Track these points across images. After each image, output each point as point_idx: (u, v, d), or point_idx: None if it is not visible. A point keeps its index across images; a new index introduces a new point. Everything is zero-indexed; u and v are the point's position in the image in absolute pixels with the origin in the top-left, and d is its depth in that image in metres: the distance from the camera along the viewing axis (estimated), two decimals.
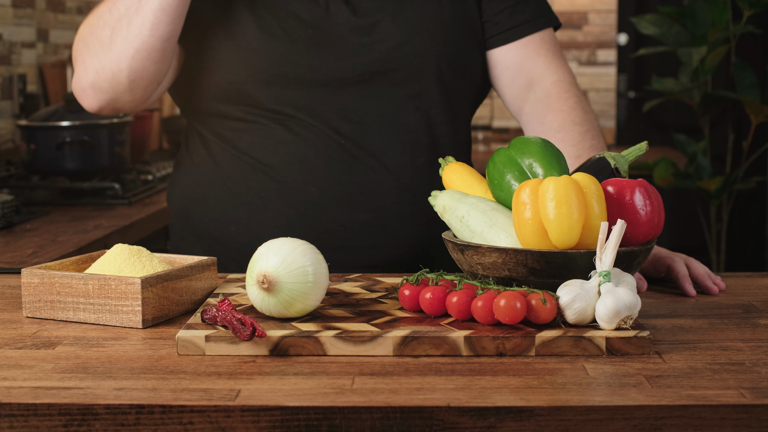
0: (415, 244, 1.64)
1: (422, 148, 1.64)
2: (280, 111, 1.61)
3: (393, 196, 1.62)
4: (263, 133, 1.62)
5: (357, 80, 1.61)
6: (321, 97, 1.61)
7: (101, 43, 1.56)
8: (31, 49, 3.40)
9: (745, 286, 1.47)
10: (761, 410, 0.96)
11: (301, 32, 1.60)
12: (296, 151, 1.61)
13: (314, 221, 1.60)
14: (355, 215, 1.61)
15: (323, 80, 1.60)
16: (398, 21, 1.63)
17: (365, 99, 1.61)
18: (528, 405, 0.96)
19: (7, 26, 3.21)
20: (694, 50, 3.91)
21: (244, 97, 1.61)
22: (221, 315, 1.14)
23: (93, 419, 0.96)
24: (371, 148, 1.61)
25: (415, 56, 1.63)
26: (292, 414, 0.96)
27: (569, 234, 1.17)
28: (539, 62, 1.71)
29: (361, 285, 1.39)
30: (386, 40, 1.62)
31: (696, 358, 1.11)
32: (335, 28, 1.61)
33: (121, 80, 1.57)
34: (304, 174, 1.61)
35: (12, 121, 3.23)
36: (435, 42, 1.64)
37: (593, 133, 1.65)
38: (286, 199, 1.61)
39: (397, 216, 1.63)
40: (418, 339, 1.12)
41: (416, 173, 1.63)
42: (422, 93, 1.64)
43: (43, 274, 1.26)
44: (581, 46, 5.09)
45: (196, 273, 1.32)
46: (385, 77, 1.62)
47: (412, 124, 1.64)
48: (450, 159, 1.44)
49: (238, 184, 1.64)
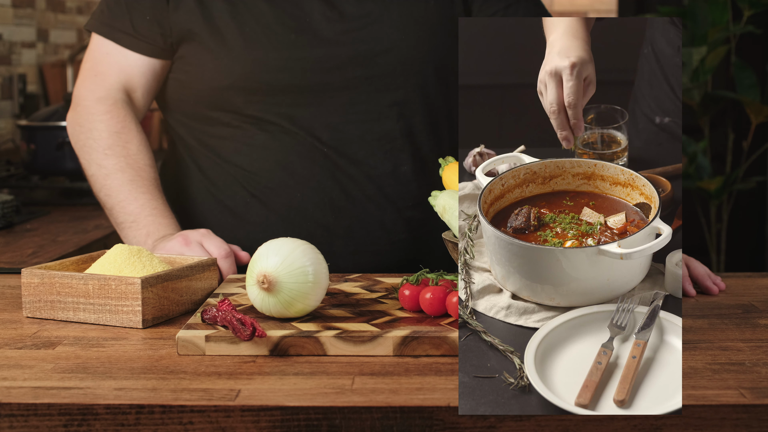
0: (397, 251, 1.64)
1: (405, 155, 1.64)
2: (262, 118, 1.61)
3: (375, 203, 1.63)
4: (246, 141, 1.63)
5: (340, 87, 1.60)
6: (304, 104, 1.61)
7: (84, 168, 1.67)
8: (31, 49, 3.40)
9: (745, 286, 1.47)
10: (761, 410, 0.96)
11: (284, 39, 1.60)
12: (279, 157, 1.62)
13: (297, 227, 1.61)
14: (337, 221, 1.62)
15: (306, 87, 1.60)
16: (383, 28, 1.62)
17: (348, 106, 1.61)
18: None
19: (7, 26, 3.20)
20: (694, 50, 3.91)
21: (226, 103, 1.61)
22: (221, 315, 1.14)
23: (93, 419, 0.96)
24: (353, 155, 1.62)
25: (400, 63, 1.62)
26: (292, 414, 0.96)
27: None
28: None
29: (361, 285, 1.39)
30: (371, 47, 1.61)
31: (696, 358, 1.10)
32: (319, 35, 1.60)
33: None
34: (287, 180, 1.62)
35: (12, 121, 3.23)
36: (420, 49, 1.63)
37: None
38: (269, 206, 1.63)
39: (379, 223, 1.63)
40: (418, 339, 1.11)
41: (398, 181, 1.64)
42: (406, 100, 1.64)
43: (43, 274, 1.26)
44: None
45: (196, 273, 1.32)
46: (369, 84, 1.61)
47: (395, 131, 1.63)
48: (450, 159, 1.44)
49: (222, 191, 1.66)
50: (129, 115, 1.64)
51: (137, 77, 1.66)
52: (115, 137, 1.62)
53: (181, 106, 1.68)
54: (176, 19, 1.61)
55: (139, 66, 1.66)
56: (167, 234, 1.52)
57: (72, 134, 1.67)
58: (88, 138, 1.63)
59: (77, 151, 1.66)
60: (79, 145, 1.65)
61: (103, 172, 1.60)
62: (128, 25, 1.64)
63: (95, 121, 1.63)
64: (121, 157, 1.60)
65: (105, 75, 1.66)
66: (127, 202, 1.57)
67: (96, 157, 1.61)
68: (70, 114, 1.69)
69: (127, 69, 1.66)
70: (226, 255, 1.45)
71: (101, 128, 1.62)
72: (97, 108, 1.64)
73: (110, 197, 1.59)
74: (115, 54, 1.66)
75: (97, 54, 1.68)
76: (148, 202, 1.57)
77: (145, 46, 1.64)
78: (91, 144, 1.63)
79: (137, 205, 1.56)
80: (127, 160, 1.60)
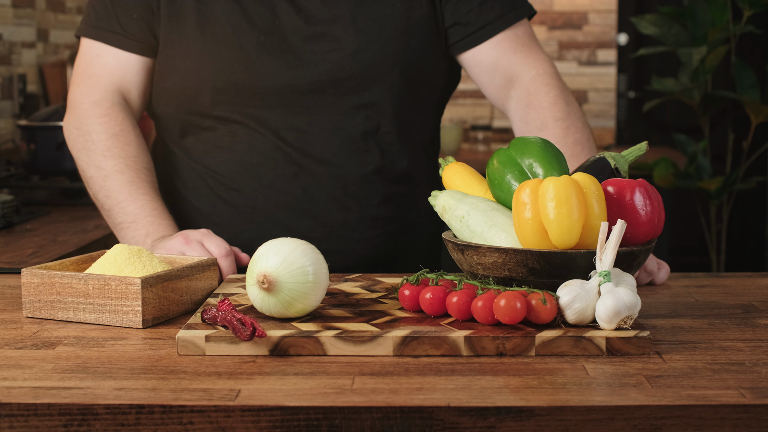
0: (362, 250, 1.65)
1: (371, 156, 1.64)
2: (228, 118, 1.62)
3: (338, 203, 1.63)
4: (214, 142, 1.64)
5: (307, 89, 1.61)
6: (270, 105, 1.61)
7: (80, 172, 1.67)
8: (31, 49, 3.41)
9: (745, 286, 1.47)
10: (761, 410, 0.96)
11: (252, 39, 1.60)
12: (243, 158, 1.63)
13: (261, 227, 1.62)
14: (300, 222, 1.63)
15: (273, 88, 1.60)
16: (350, 30, 1.61)
17: (314, 108, 1.61)
18: (528, 405, 0.96)
19: (7, 26, 3.21)
20: (694, 50, 3.91)
21: (194, 103, 1.62)
22: (221, 315, 1.14)
23: (93, 419, 0.96)
24: (318, 156, 1.62)
25: (367, 66, 1.62)
26: (292, 414, 0.96)
27: (569, 234, 1.17)
28: (515, 59, 1.68)
29: (361, 285, 1.39)
30: (338, 49, 1.61)
31: (696, 358, 1.11)
32: (287, 36, 1.60)
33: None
34: (251, 181, 1.63)
35: (12, 121, 3.23)
36: (387, 52, 1.62)
37: (576, 126, 1.63)
38: (233, 206, 1.65)
39: (342, 222, 1.63)
40: (418, 339, 1.11)
41: (364, 180, 1.64)
42: (373, 103, 1.63)
43: (43, 274, 1.26)
44: (581, 46, 5.09)
45: (196, 273, 1.32)
46: (336, 87, 1.61)
47: (361, 133, 1.63)
48: (450, 159, 1.44)
49: (192, 191, 1.68)
50: (127, 118, 1.64)
51: (130, 76, 1.66)
52: (114, 139, 1.62)
53: (155, 106, 1.69)
54: (149, 17, 1.63)
55: (132, 65, 1.66)
56: (166, 235, 1.53)
57: (69, 138, 1.67)
58: (86, 141, 1.63)
59: (74, 153, 1.66)
60: (76, 148, 1.65)
61: (102, 173, 1.60)
62: (116, 25, 1.65)
63: (93, 124, 1.63)
64: (120, 158, 1.60)
65: (98, 77, 1.66)
66: (126, 203, 1.57)
67: (95, 158, 1.61)
68: (66, 118, 1.69)
69: (119, 69, 1.66)
70: (227, 254, 1.45)
71: (99, 131, 1.62)
72: (93, 111, 1.64)
73: (109, 198, 1.59)
74: (106, 55, 1.66)
75: (88, 56, 1.68)
76: (147, 203, 1.57)
77: (135, 44, 1.65)
78: (90, 146, 1.63)
79: (137, 206, 1.57)
80: (126, 162, 1.60)
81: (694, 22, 3.96)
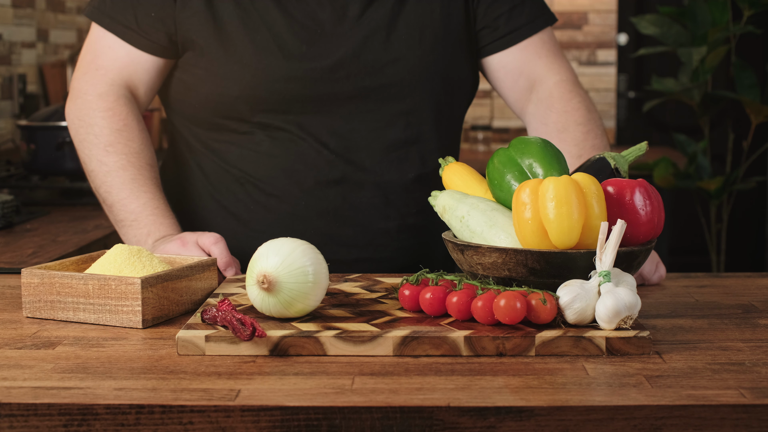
0: (400, 259, 1.64)
1: (411, 164, 1.64)
2: (269, 125, 1.60)
3: (380, 212, 1.62)
4: (252, 146, 1.62)
5: (349, 96, 1.60)
6: (312, 112, 1.60)
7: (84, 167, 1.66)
8: (31, 49, 3.40)
9: (745, 286, 1.47)
10: (761, 410, 0.96)
11: (294, 48, 1.59)
12: (284, 164, 1.61)
13: (300, 235, 1.60)
14: (341, 230, 1.62)
15: (315, 96, 1.59)
16: (391, 37, 1.61)
17: (356, 115, 1.61)
18: (528, 405, 0.96)
19: (7, 26, 3.21)
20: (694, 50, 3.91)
21: (234, 110, 1.60)
22: (221, 315, 1.14)
23: (93, 419, 0.96)
24: (360, 163, 1.61)
25: (408, 72, 1.62)
26: (292, 414, 0.96)
27: (569, 234, 1.17)
28: (540, 64, 1.70)
29: (361, 285, 1.39)
30: (379, 56, 1.61)
31: (696, 358, 1.11)
32: (330, 46, 1.60)
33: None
34: (292, 187, 1.61)
35: (12, 121, 3.23)
36: (428, 59, 1.63)
37: (596, 132, 1.65)
38: (273, 212, 1.62)
39: (383, 231, 1.63)
40: (418, 339, 1.11)
41: (404, 189, 1.64)
42: (413, 109, 1.63)
43: (43, 274, 1.26)
44: (581, 46, 5.09)
45: (196, 273, 1.32)
46: (377, 94, 1.61)
47: (402, 140, 1.63)
48: (450, 159, 1.44)
49: (226, 195, 1.65)
50: (132, 113, 1.62)
51: (140, 74, 1.64)
52: (116, 135, 1.60)
53: (185, 108, 1.66)
54: (183, 19, 1.59)
55: (143, 63, 1.63)
56: (168, 234, 1.52)
57: (72, 127, 1.65)
58: (88, 133, 1.61)
59: (77, 144, 1.64)
60: (78, 139, 1.63)
61: (104, 169, 1.59)
62: (132, 20, 1.61)
63: (96, 117, 1.61)
64: (122, 154, 1.59)
65: (107, 69, 1.64)
66: (128, 200, 1.56)
67: (97, 153, 1.60)
68: (68, 106, 1.66)
69: (130, 65, 1.63)
70: (216, 240, 1.45)
71: (102, 125, 1.60)
72: (98, 104, 1.62)
73: (111, 194, 1.58)
74: (118, 48, 1.63)
75: (98, 46, 1.65)
76: (149, 201, 1.56)
77: (148, 43, 1.62)
78: (92, 140, 1.61)
79: (139, 204, 1.56)
80: (128, 158, 1.59)
81: (694, 22, 3.96)
